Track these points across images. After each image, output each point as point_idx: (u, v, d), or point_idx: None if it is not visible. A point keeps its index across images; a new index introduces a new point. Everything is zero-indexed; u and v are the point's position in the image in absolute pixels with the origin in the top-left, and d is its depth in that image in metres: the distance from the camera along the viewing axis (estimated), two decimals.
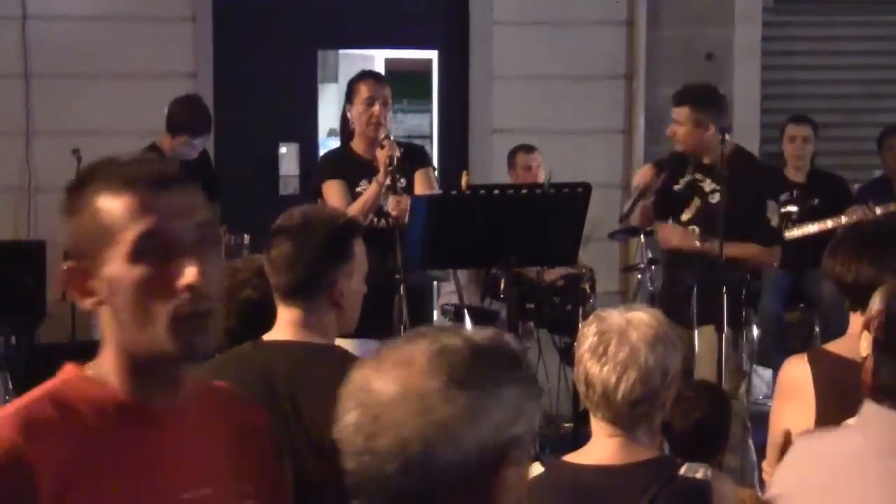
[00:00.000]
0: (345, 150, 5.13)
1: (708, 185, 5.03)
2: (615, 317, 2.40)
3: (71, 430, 1.52)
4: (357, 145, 5.07)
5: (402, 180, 4.96)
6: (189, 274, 1.50)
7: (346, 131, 5.16)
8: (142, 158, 1.59)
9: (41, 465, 1.47)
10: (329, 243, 2.59)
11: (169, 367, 1.58)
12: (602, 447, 2.40)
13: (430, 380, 1.30)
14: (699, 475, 2.35)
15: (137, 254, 1.52)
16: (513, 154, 6.75)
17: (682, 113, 5.07)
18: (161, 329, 1.52)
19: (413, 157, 5.09)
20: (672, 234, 5.01)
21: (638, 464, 2.36)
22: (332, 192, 4.96)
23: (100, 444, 1.53)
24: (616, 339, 2.36)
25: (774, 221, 5.09)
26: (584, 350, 2.39)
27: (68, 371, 1.61)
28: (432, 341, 1.33)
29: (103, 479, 1.52)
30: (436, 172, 5.32)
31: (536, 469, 2.52)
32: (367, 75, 5.21)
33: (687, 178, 5.07)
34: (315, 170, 5.26)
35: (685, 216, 5.07)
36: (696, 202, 5.06)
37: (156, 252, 1.51)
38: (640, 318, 2.39)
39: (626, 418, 2.37)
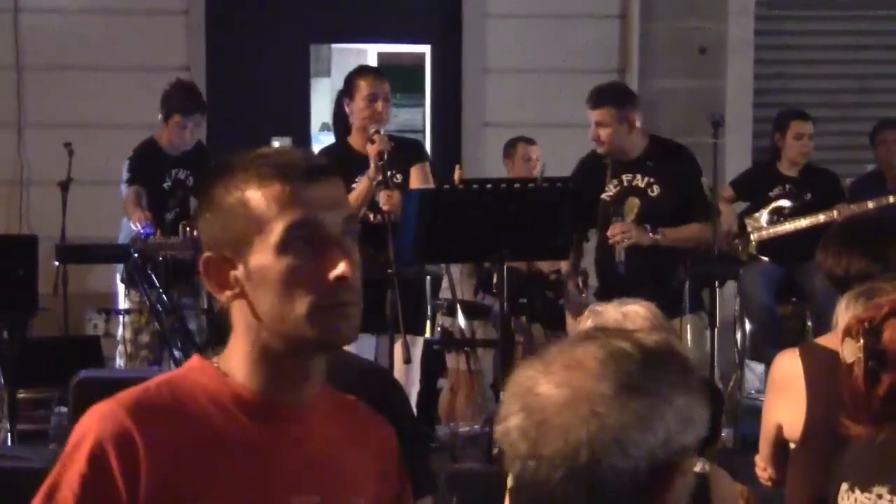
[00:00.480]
0: (342, 145, 5.11)
1: (641, 181, 5.00)
2: (611, 311, 2.42)
3: (184, 416, 1.52)
4: (355, 140, 5.06)
5: (399, 176, 4.95)
6: (341, 266, 1.50)
7: (341, 126, 5.13)
8: (289, 150, 1.59)
9: (149, 446, 1.48)
10: None
11: (304, 361, 1.56)
12: None
13: (601, 385, 1.25)
14: (696, 469, 2.35)
15: (287, 244, 1.50)
16: (512, 145, 6.73)
17: (606, 114, 5.01)
18: (305, 318, 1.50)
19: (409, 151, 5.08)
20: (629, 230, 4.90)
21: None
22: None
23: (212, 434, 1.52)
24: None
25: (708, 196, 5.08)
26: None
27: (193, 362, 1.60)
28: (602, 345, 1.29)
29: (211, 468, 1.50)
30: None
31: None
32: (367, 71, 5.17)
33: (614, 182, 5.00)
34: None
35: (629, 219, 4.99)
36: (636, 201, 5.00)
37: (306, 243, 1.50)
38: (636, 312, 2.41)
39: None
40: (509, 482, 2.49)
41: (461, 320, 5.74)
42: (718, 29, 7.54)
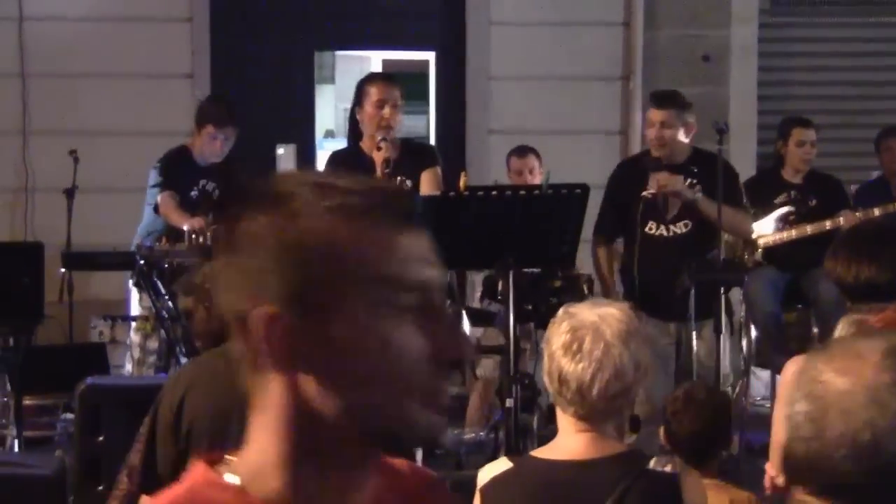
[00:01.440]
0: (354, 150, 5.13)
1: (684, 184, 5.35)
2: (586, 313, 2.41)
3: None
4: (366, 145, 5.07)
5: (408, 182, 4.96)
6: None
7: (354, 131, 5.15)
8: (368, 184, 1.21)
9: None
10: None
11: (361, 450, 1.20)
12: (573, 442, 2.41)
13: (883, 375, 1.34)
14: (668, 468, 2.36)
15: None
16: (507, 157, 6.73)
17: (670, 115, 5.33)
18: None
19: (421, 156, 5.10)
20: (670, 179, 5.17)
21: (609, 458, 2.37)
22: None
23: None
24: (590, 335, 2.36)
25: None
26: (556, 347, 2.39)
27: (197, 474, 1.21)
28: (885, 339, 1.38)
29: None
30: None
31: (504, 465, 2.52)
32: (377, 77, 5.20)
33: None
34: (323, 169, 5.26)
35: (670, 215, 5.36)
36: (677, 201, 5.34)
37: None
38: (612, 314, 2.40)
39: (599, 414, 2.38)
40: (479, 482, 2.51)
41: (466, 326, 5.73)
42: (722, 36, 7.54)
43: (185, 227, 5.49)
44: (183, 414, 2.56)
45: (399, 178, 4.91)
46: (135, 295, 5.83)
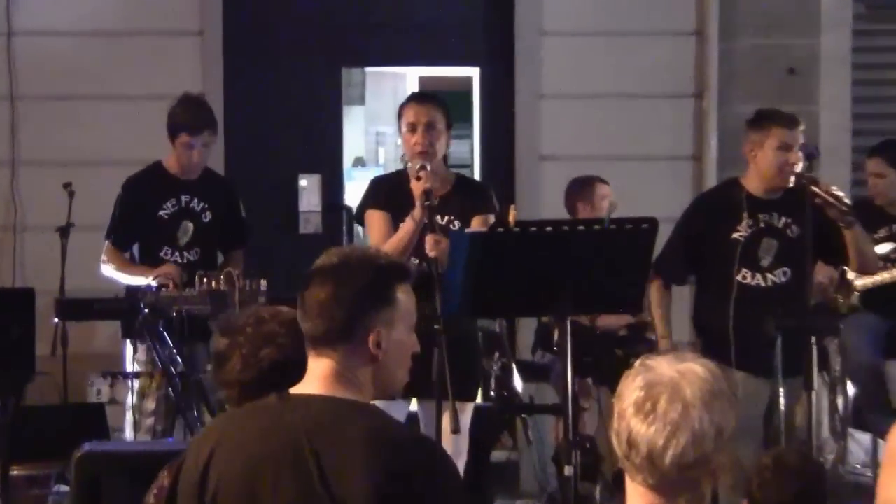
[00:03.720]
0: (399, 177, 5.17)
1: (778, 220, 5.47)
2: (664, 367, 2.40)
3: None
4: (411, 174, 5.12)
5: (457, 222, 4.98)
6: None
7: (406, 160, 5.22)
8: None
9: None
10: (367, 286, 2.62)
11: None
12: None
13: None
14: None
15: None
16: (584, 185, 6.65)
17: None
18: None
19: (476, 198, 5.12)
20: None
21: None
22: (373, 224, 5.05)
23: None
24: (667, 394, 2.35)
25: None
26: (627, 405, 2.38)
27: None
28: None
29: None
30: None
31: None
32: (409, 97, 5.29)
33: (748, 221, 5.45)
34: (362, 196, 5.31)
35: (764, 262, 5.46)
36: (772, 242, 5.47)
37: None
38: (694, 371, 2.39)
39: (671, 484, 2.36)
40: None
41: (518, 382, 5.72)
42: (810, 45, 7.53)
43: (151, 280, 5.48)
44: (209, 473, 2.58)
45: (446, 217, 4.94)
46: (129, 349, 5.82)
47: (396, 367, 2.68)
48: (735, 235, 5.39)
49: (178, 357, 5.36)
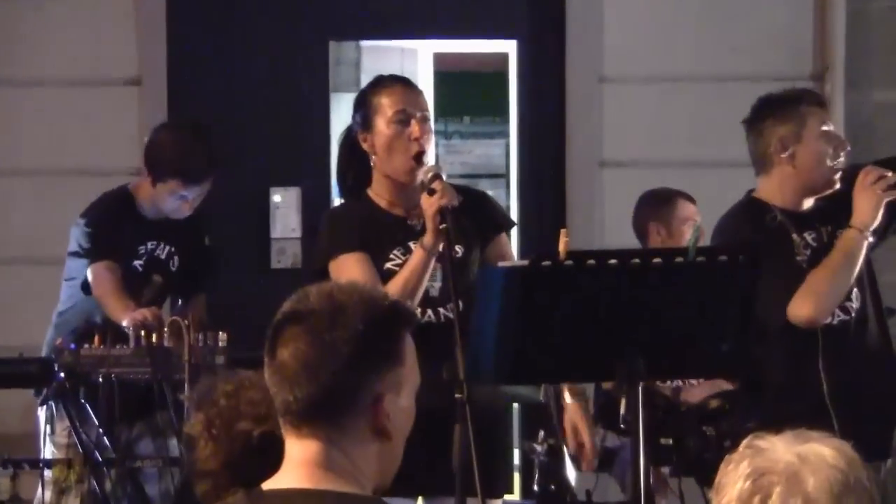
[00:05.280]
0: (362, 205, 5.16)
1: (825, 236, 5.49)
2: (780, 450, 2.41)
3: None
4: (380, 193, 5.12)
5: (459, 248, 4.99)
6: None
7: (354, 174, 5.19)
8: None
9: None
10: (368, 336, 2.62)
11: None
12: None
13: None
14: None
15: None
16: (661, 201, 6.64)
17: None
18: None
19: (481, 210, 5.13)
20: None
21: None
22: (352, 272, 4.95)
23: None
24: (783, 485, 2.36)
25: None
26: (730, 498, 2.39)
27: None
28: None
29: None
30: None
31: None
32: (388, 80, 5.25)
33: (802, 243, 5.48)
34: (317, 242, 5.30)
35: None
36: None
37: None
38: (820, 455, 2.40)
39: None
40: None
41: (570, 472, 5.73)
42: None
43: (125, 323, 5.53)
44: None
45: (456, 245, 4.96)
46: (42, 426, 5.84)
47: (401, 446, 2.70)
48: (799, 259, 5.42)
49: (105, 440, 5.38)
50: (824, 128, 5.46)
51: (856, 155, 7.28)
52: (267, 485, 2.65)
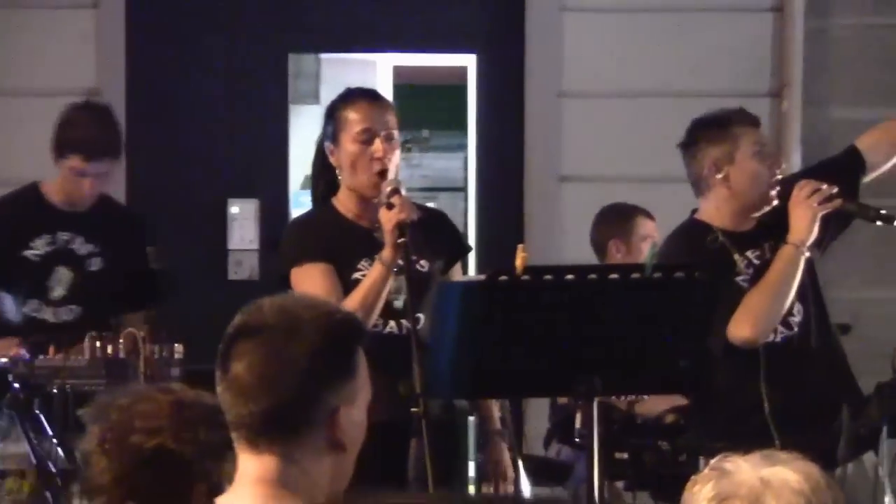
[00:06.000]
0: (328, 214, 5.17)
1: (763, 255, 5.52)
2: (746, 473, 2.41)
3: None
4: (346, 204, 5.13)
5: (423, 262, 5.01)
6: None
7: (325, 184, 5.21)
8: None
9: None
10: (325, 349, 2.63)
11: None
12: None
13: None
14: None
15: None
16: (620, 217, 6.63)
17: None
18: None
19: (440, 233, 5.15)
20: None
21: None
22: (313, 284, 4.97)
23: None
24: None
25: None
26: None
27: None
28: None
29: None
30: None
31: None
32: (357, 95, 5.26)
33: (743, 262, 5.48)
34: (281, 248, 5.30)
35: None
36: None
37: None
38: (784, 480, 2.40)
39: None
40: None
41: (525, 485, 5.74)
42: None
43: None
44: None
45: (420, 259, 4.97)
46: None
47: (354, 457, 2.70)
48: (739, 280, 5.41)
49: (59, 450, 5.36)
50: (757, 148, 5.46)
51: None
52: (221, 501, 2.64)
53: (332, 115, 5.16)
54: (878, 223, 5.38)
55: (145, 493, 2.67)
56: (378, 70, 8.63)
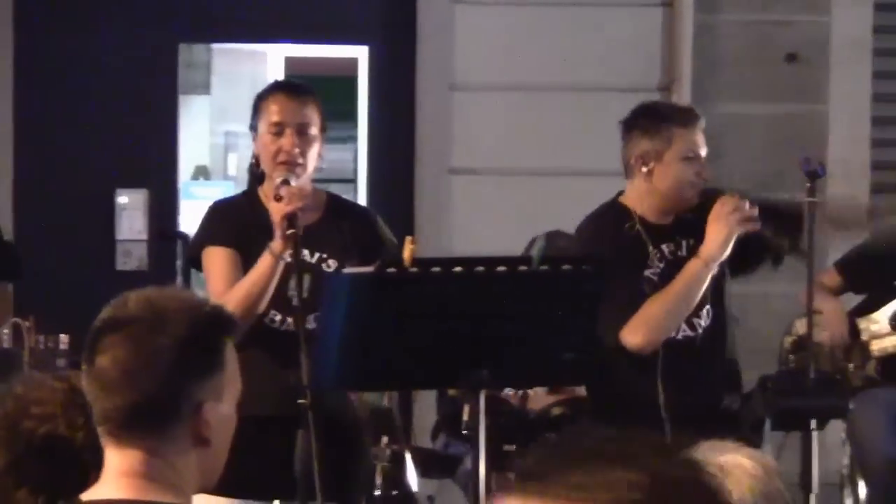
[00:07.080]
0: (248, 200, 5.17)
1: (684, 249, 5.51)
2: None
3: None
4: (268, 193, 5.14)
5: (330, 261, 5.02)
6: None
7: (255, 171, 5.22)
8: None
9: None
10: (189, 343, 2.64)
11: None
12: None
13: None
14: None
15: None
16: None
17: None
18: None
19: (356, 227, 5.15)
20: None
21: None
22: (214, 266, 4.98)
23: None
24: None
25: None
26: None
27: None
28: None
29: None
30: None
31: None
32: (276, 88, 5.26)
33: (657, 255, 5.48)
34: (198, 229, 5.30)
35: None
36: None
37: None
38: (739, 467, 2.43)
39: None
40: None
41: (412, 478, 5.77)
42: (817, 25, 7.65)
43: None
44: None
45: (317, 253, 4.97)
46: None
47: (223, 452, 2.71)
48: (648, 273, 5.37)
49: None
50: (688, 153, 5.34)
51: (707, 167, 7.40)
52: (86, 495, 2.63)
53: (256, 105, 5.17)
54: (791, 256, 5.44)
55: (38, 480, 2.66)
56: (269, 61, 8.63)
